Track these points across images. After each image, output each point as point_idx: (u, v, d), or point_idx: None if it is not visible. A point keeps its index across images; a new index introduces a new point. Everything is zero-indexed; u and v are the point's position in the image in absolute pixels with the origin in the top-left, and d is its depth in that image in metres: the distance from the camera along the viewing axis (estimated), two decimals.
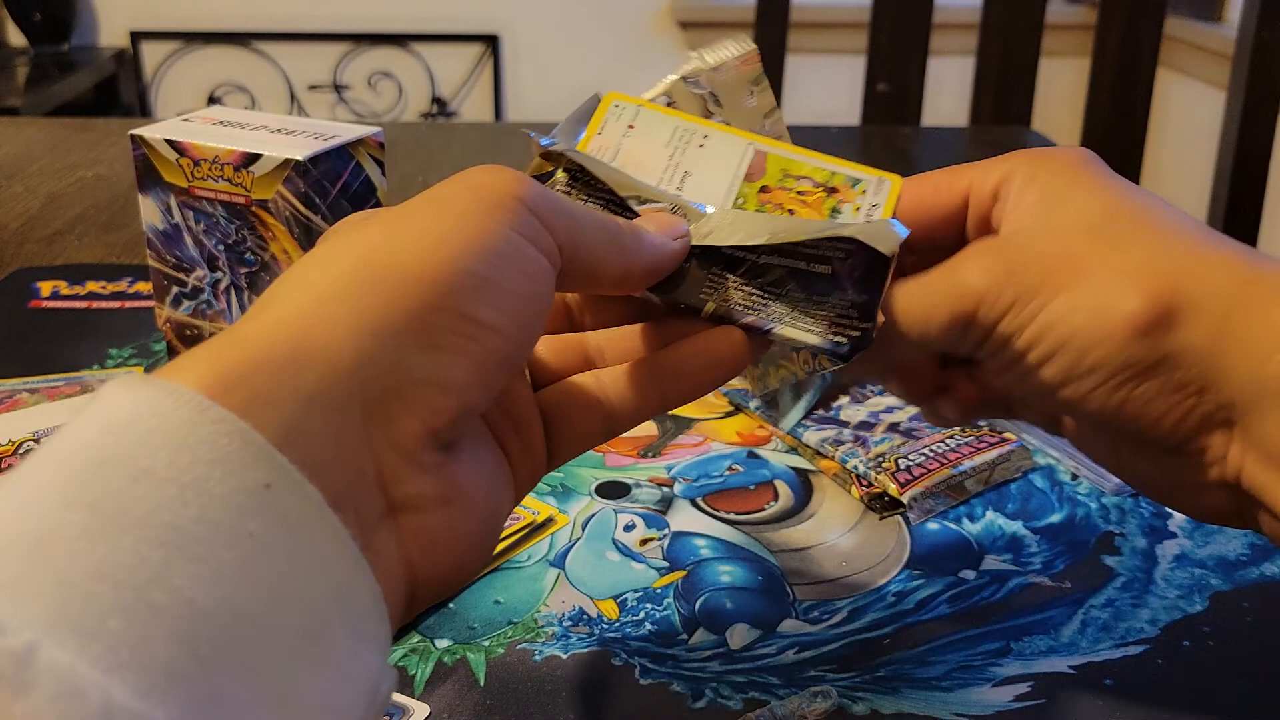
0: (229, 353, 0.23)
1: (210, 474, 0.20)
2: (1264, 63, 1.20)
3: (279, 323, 0.24)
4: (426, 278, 0.25)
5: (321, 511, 0.22)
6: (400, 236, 0.26)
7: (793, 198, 0.36)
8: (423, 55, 2.67)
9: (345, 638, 0.21)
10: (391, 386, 0.24)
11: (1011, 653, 0.39)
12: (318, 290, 0.25)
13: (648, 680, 0.38)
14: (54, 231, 0.79)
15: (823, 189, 0.36)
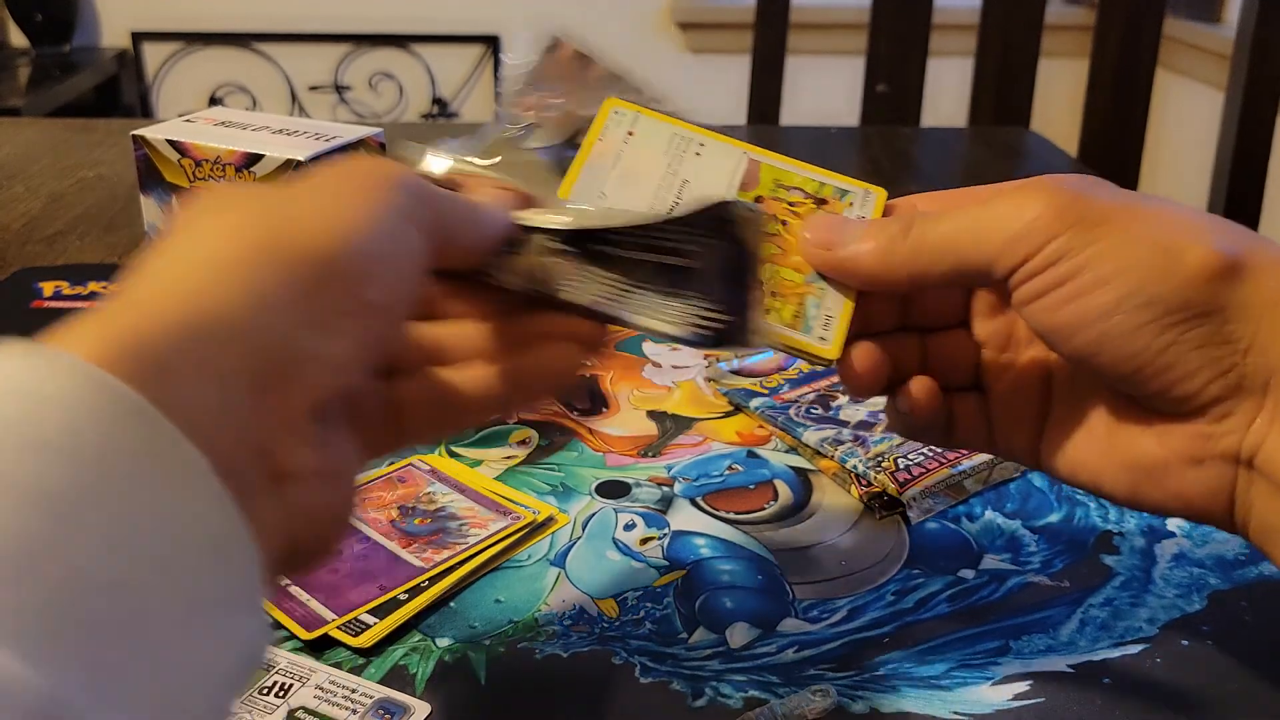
0: (122, 319, 0.23)
1: (101, 444, 0.20)
2: (1263, 63, 1.20)
3: (171, 292, 0.24)
4: (323, 256, 0.25)
5: (207, 479, 0.22)
6: (294, 215, 0.26)
7: (784, 208, 0.36)
8: (423, 56, 2.67)
9: (225, 603, 0.22)
10: (281, 360, 0.24)
11: (1010, 652, 0.39)
12: (213, 261, 0.25)
13: (648, 679, 0.38)
14: (56, 232, 0.79)
15: (812, 199, 0.36)
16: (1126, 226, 0.31)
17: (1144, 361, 0.31)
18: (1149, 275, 0.30)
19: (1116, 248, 0.30)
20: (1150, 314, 0.30)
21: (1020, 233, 0.31)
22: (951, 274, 0.33)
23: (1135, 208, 0.31)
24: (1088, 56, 1.32)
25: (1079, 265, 0.31)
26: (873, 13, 1.32)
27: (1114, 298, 0.30)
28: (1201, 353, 0.30)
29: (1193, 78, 2.23)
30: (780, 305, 0.35)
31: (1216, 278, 0.30)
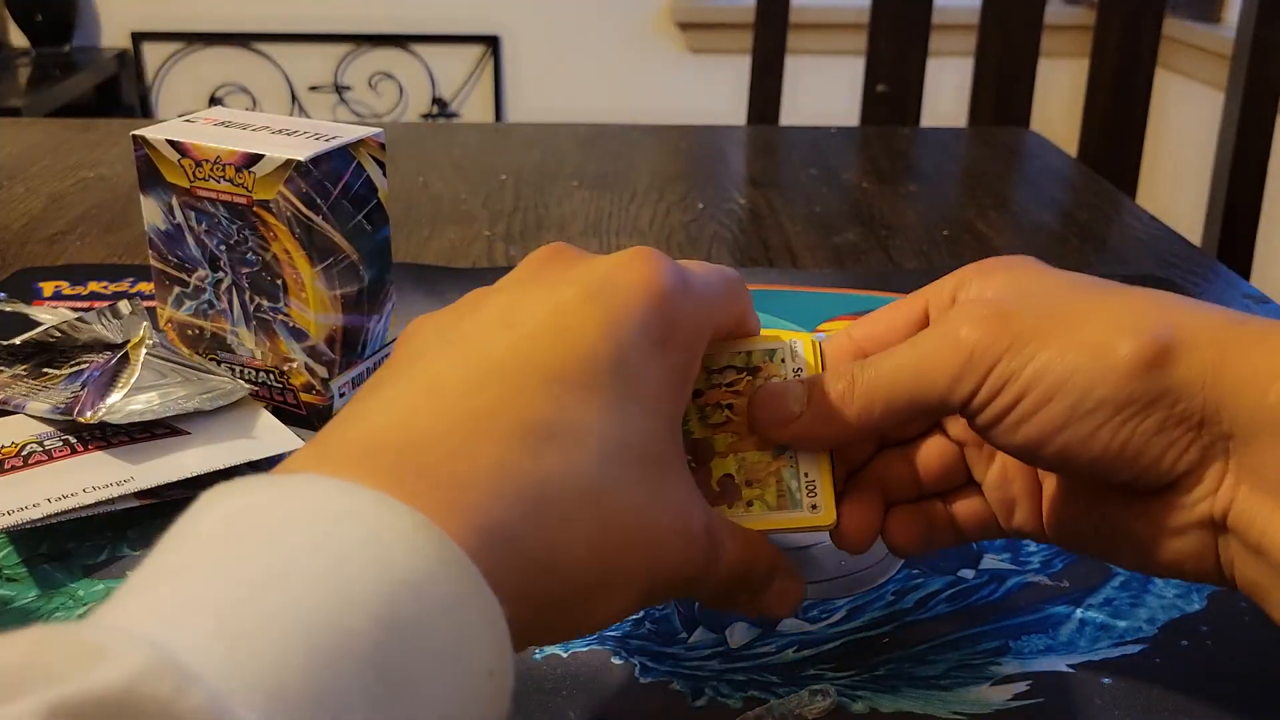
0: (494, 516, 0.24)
1: (464, 653, 0.22)
2: (1263, 63, 1.20)
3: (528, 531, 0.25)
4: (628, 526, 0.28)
5: (509, 699, 0.24)
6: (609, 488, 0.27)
7: (724, 393, 0.36)
8: (423, 56, 2.67)
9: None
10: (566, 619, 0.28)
11: (1010, 651, 0.39)
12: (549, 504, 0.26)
13: (648, 679, 0.38)
14: (56, 232, 0.79)
15: (746, 372, 0.36)
16: (1058, 334, 0.32)
17: (1111, 457, 0.32)
18: (1089, 381, 0.31)
19: (1052, 360, 0.31)
20: (1102, 416, 0.31)
21: (961, 367, 0.32)
22: (910, 412, 0.34)
23: (1063, 310, 0.33)
24: (1088, 56, 1.32)
25: (1024, 387, 0.32)
26: (873, 13, 1.32)
27: (1063, 409, 0.31)
28: (1161, 437, 0.31)
29: (1193, 78, 2.23)
30: (761, 490, 0.35)
31: (1151, 366, 0.31)
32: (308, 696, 0.19)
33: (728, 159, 1.05)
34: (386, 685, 0.20)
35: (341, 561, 0.21)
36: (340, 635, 0.20)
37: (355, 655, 0.20)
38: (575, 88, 2.66)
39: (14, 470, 0.44)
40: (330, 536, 0.21)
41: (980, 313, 0.33)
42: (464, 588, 0.22)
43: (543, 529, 0.25)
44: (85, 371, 0.50)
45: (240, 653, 0.19)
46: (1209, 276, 0.75)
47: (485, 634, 0.23)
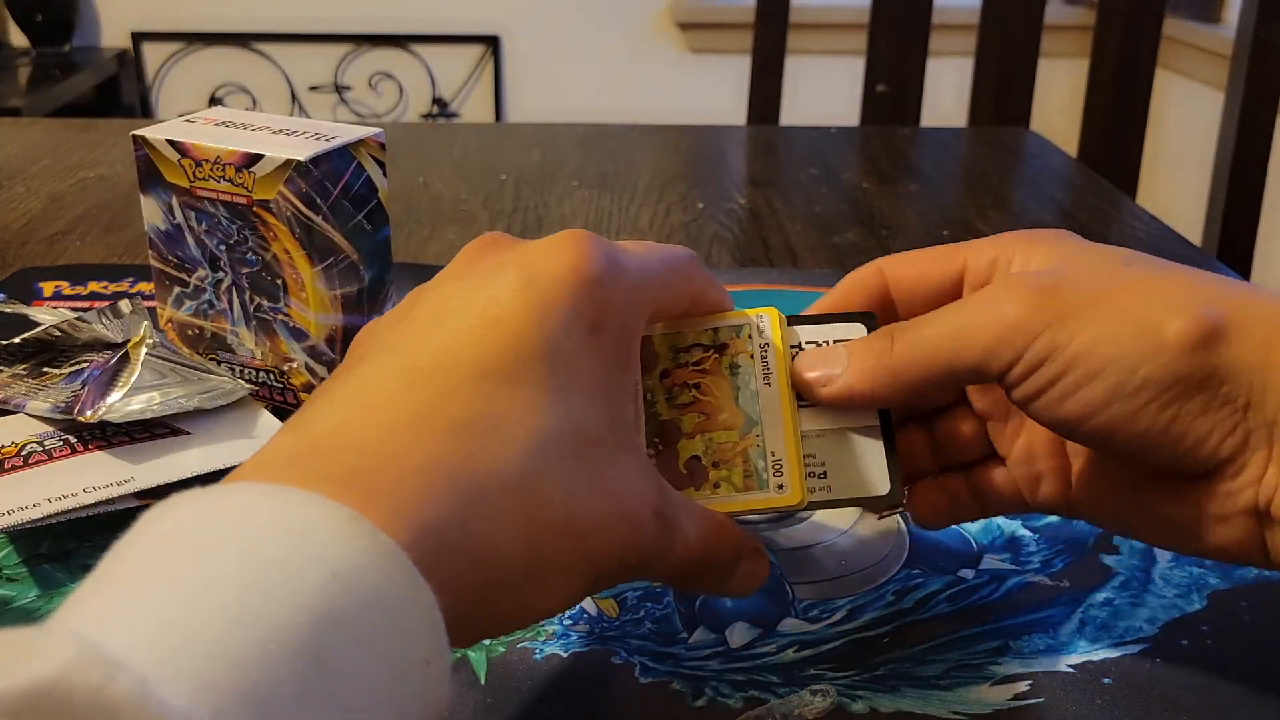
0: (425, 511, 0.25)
1: (397, 641, 0.22)
2: (1262, 63, 1.20)
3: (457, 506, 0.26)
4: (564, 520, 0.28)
5: (448, 686, 0.24)
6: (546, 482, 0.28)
7: (691, 373, 0.36)
8: (423, 56, 2.67)
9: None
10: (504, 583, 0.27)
11: (1010, 651, 0.39)
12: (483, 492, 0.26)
13: (648, 679, 0.38)
14: (56, 232, 0.79)
15: (713, 350, 0.36)
16: (1105, 311, 0.31)
17: (1153, 438, 0.31)
18: (1136, 359, 0.31)
19: (1100, 337, 0.31)
20: (1147, 395, 0.31)
21: (1002, 336, 0.32)
22: (946, 378, 0.34)
23: (1111, 287, 0.32)
24: (1088, 56, 1.32)
25: (1068, 362, 0.31)
26: (873, 13, 1.32)
27: (1109, 386, 0.31)
28: (1205, 418, 0.31)
29: (1193, 78, 2.23)
30: (727, 472, 0.35)
31: (1201, 346, 0.30)
32: (239, 686, 0.19)
33: (728, 159, 1.05)
34: (320, 674, 0.20)
35: (272, 560, 0.21)
36: (271, 627, 0.20)
37: (286, 646, 0.20)
38: (575, 88, 2.66)
39: (14, 470, 0.44)
40: (261, 539, 0.22)
41: (1026, 285, 0.32)
42: (395, 578, 0.23)
43: (472, 521, 0.25)
44: (85, 371, 0.50)
45: (171, 648, 0.19)
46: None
47: (418, 623, 0.23)
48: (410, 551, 0.23)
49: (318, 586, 0.21)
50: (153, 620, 0.20)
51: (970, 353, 0.33)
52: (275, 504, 0.23)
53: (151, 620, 0.20)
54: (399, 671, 0.22)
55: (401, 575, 0.23)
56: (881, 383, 0.34)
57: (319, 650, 0.20)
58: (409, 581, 0.23)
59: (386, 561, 0.23)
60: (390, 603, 0.22)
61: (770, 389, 0.35)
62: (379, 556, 0.22)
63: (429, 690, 0.23)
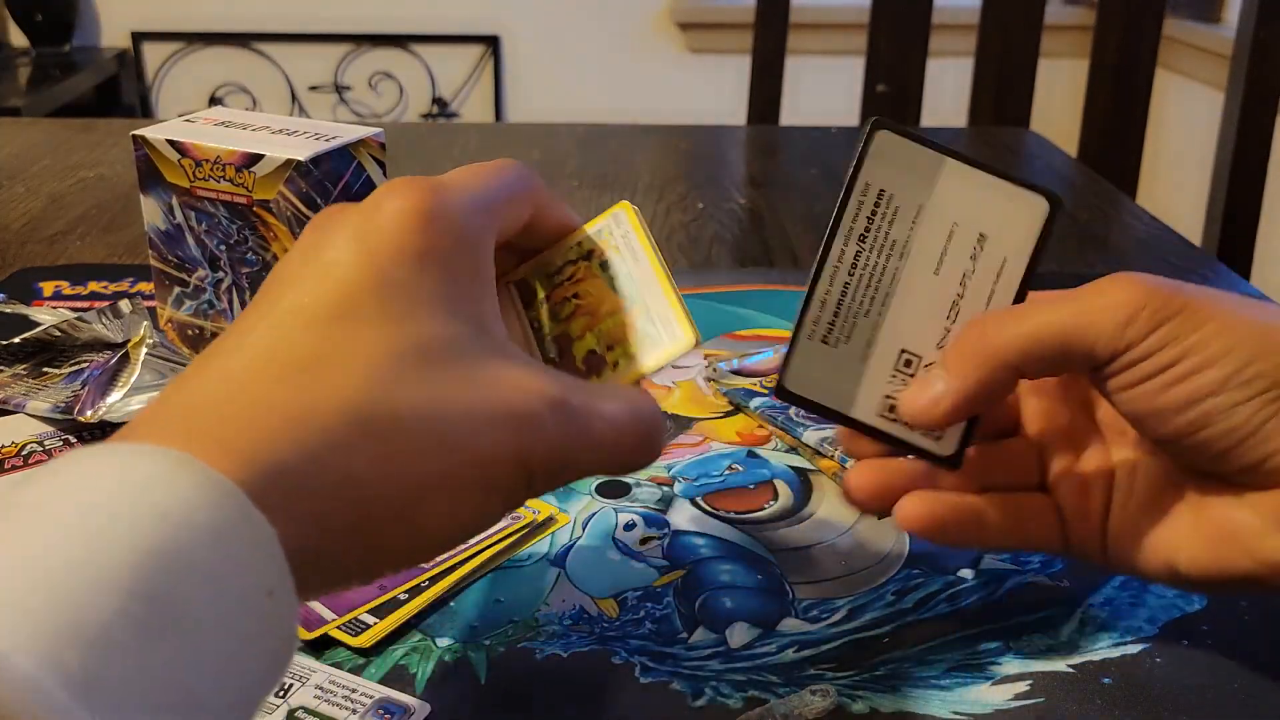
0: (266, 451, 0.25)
1: (234, 573, 0.22)
2: (1262, 63, 1.20)
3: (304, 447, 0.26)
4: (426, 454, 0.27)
5: (295, 621, 0.24)
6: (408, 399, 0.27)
7: (568, 287, 0.36)
8: (423, 56, 2.67)
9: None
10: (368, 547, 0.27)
11: (1010, 651, 0.39)
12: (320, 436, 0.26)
13: (648, 679, 0.38)
14: (56, 232, 0.79)
15: (581, 260, 0.37)
16: (1223, 313, 0.33)
17: (1245, 435, 0.32)
18: (1252, 353, 0.32)
19: (1219, 331, 0.33)
20: (1253, 389, 0.32)
21: (1126, 320, 0.33)
22: (1048, 360, 0.34)
23: (1223, 298, 0.34)
24: (1088, 56, 1.32)
25: (1185, 350, 0.33)
26: (873, 13, 1.32)
27: (1220, 376, 0.32)
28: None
29: (1193, 78, 2.23)
30: (623, 347, 0.36)
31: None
32: (69, 625, 0.20)
33: (728, 159, 1.05)
34: (153, 610, 0.21)
35: (98, 506, 0.22)
36: (99, 569, 0.21)
37: (116, 584, 0.21)
38: (575, 88, 2.66)
39: (14, 470, 0.44)
40: (89, 489, 0.22)
41: (1150, 281, 0.34)
42: (228, 512, 0.23)
43: (321, 456, 0.26)
44: (85, 371, 0.50)
45: (12, 611, 0.20)
46: (1209, 276, 0.75)
47: (255, 554, 0.23)
48: (249, 489, 0.24)
49: (147, 526, 0.22)
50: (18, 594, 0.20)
51: (1088, 335, 0.33)
52: (105, 458, 0.23)
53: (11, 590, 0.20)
54: (240, 603, 0.22)
55: (235, 509, 0.23)
56: (986, 375, 0.34)
57: (153, 588, 0.21)
58: (243, 516, 0.23)
59: (218, 496, 0.23)
60: (225, 537, 0.23)
61: (640, 264, 0.35)
62: (209, 492, 0.23)
63: (278, 624, 0.24)
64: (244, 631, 0.23)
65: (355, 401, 0.27)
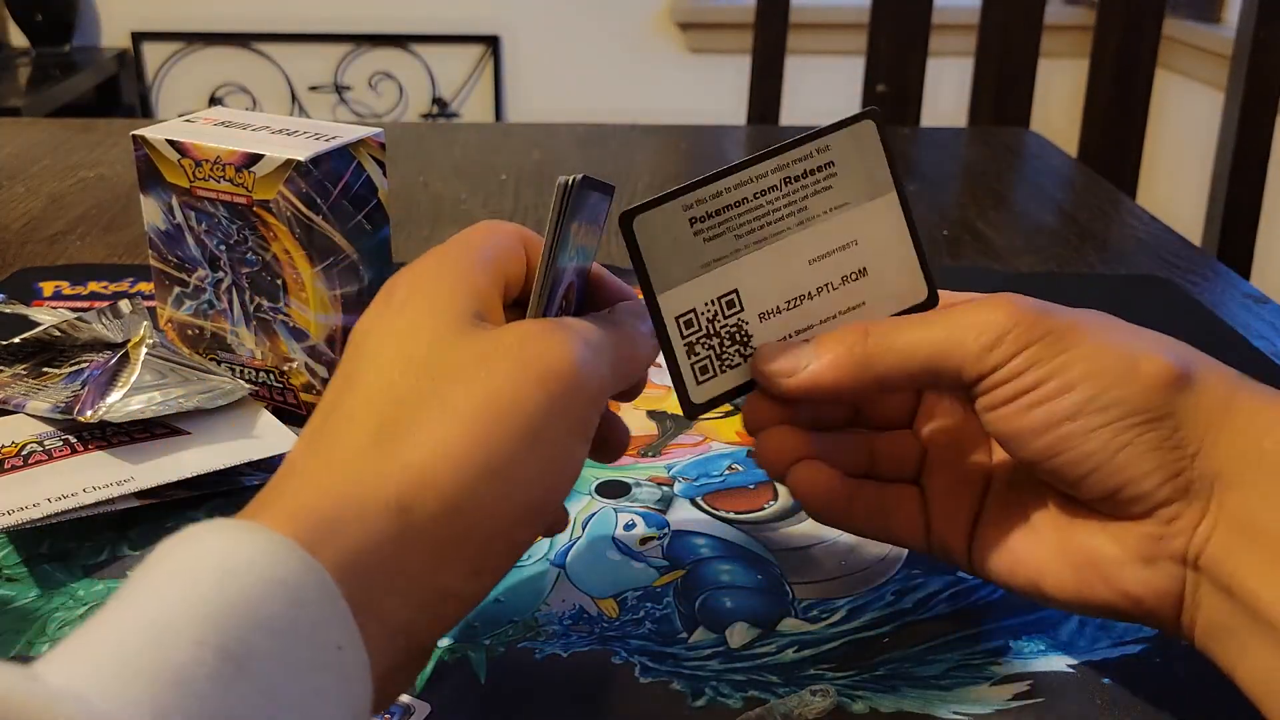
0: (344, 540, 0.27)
1: (304, 630, 0.24)
2: (1262, 63, 1.20)
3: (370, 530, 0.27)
4: (497, 506, 0.29)
5: (368, 680, 0.26)
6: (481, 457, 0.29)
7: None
8: (423, 56, 2.67)
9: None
10: (435, 605, 0.29)
11: (1010, 651, 0.39)
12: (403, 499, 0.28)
13: (648, 679, 0.38)
14: (56, 232, 0.79)
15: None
16: (1089, 338, 0.33)
17: (1101, 462, 0.32)
18: (1111, 380, 0.32)
19: (1082, 356, 0.33)
20: (1111, 416, 0.32)
21: (992, 342, 0.33)
22: (917, 377, 0.35)
23: (1092, 323, 0.34)
24: (1088, 56, 1.32)
25: (1048, 373, 0.33)
26: (873, 13, 1.32)
27: (1078, 400, 0.32)
28: (1155, 455, 0.32)
29: (1193, 78, 2.23)
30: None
31: (1170, 385, 0.32)
32: (142, 672, 0.21)
33: (728, 159, 1.05)
34: (225, 659, 0.22)
35: (180, 572, 0.24)
36: (178, 623, 0.23)
37: (191, 637, 0.22)
38: (575, 88, 2.66)
39: (14, 470, 0.44)
40: (178, 559, 0.25)
41: (1019, 302, 0.34)
42: (292, 568, 0.25)
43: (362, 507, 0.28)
44: (85, 371, 0.50)
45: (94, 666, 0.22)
46: (1209, 276, 0.75)
47: (321, 610, 0.25)
48: (305, 540, 0.26)
49: (212, 581, 0.24)
50: (95, 650, 0.22)
51: (955, 355, 0.34)
52: (202, 533, 0.25)
53: (94, 650, 0.22)
54: (309, 655, 0.24)
55: (299, 565, 0.25)
56: (850, 374, 0.35)
57: (223, 639, 0.22)
58: (307, 570, 0.25)
59: (284, 554, 0.25)
60: (292, 593, 0.24)
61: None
62: (275, 551, 0.25)
63: (349, 678, 0.25)
64: (315, 684, 0.24)
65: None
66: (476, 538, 0.29)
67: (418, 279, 0.33)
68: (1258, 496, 0.31)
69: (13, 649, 0.39)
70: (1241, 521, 0.31)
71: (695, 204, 0.36)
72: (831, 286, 0.37)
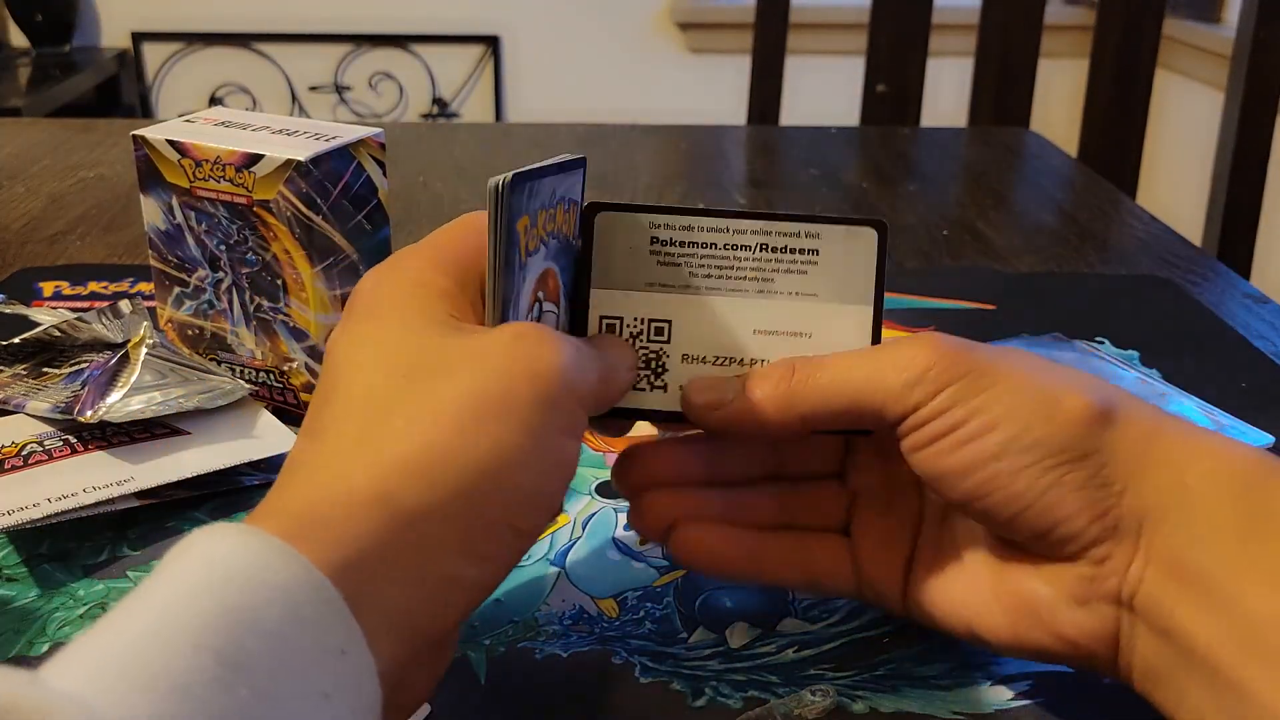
0: (334, 532, 0.27)
1: (304, 632, 0.24)
2: (1262, 63, 1.20)
3: (367, 516, 0.27)
4: (479, 496, 0.28)
5: (375, 681, 0.25)
6: (469, 446, 0.28)
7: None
8: (423, 56, 2.67)
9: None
10: (438, 592, 0.28)
11: None
12: (386, 503, 0.28)
13: (648, 679, 0.38)
14: (56, 232, 0.79)
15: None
16: (1011, 376, 0.33)
17: (1028, 503, 0.32)
18: (1033, 419, 0.32)
19: (1003, 394, 0.33)
20: (1034, 456, 0.32)
21: (914, 380, 0.33)
22: (843, 414, 0.34)
23: (1015, 361, 0.34)
24: (1088, 56, 1.32)
25: (970, 412, 0.32)
26: (873, 13, 1.32)
27: (1001, 440, 0.32)
28: (1081, 494, 0.32)
29: (1193, 78, 2.23)
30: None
31: (1093, 422, 0.32)
32: (140, 678, 0.22)
33: (728, 159, 1.05)
34: (223, 664, 0.22)
35: (178, 577, 0.24)
36: (175, 630, 0.23)
37: (190, 642, 0.22)
38: (575, 88, 2.66)
39: (14, 470, 0.44)
40: (175, 566, 0.25)
41: (941, 342, 0.34)
42: (294, 573, 0.25)
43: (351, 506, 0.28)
44: (85, 371, 0.50)
45: (92, 668, 0.22)
46: (1209, 276, 0.75)
47: (321, 613, 0.24)
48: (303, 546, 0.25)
49: (217, 591, 0.24)
50: (96, 655, 0.22)
51: (878, 393, 0.34)
52: (198, 539, 0.25)
53: (95, 656, 0.22)
54: (311, 660, 0.24)
55: (300, 572, 0.25)
56: (776, 408, 0.35)
57: (220, 643, 0.23)
58: (306, 576, 0.25)
59: (281, 560, 0.25)
60: (291, 596, 0.24)
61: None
62: (273, 557, 0.25)
63: (352, 678, 0.25)
64: (318, 688, 0.24)
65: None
66: (474, 524, 0.28)
67: (381, 286, 0.33)
68: (1184, 535, 0.31)
69: (13, 649, 0.39)
70: (1170, 562, 0.31)
71: (663, 226, 0.37)
72: (765, 364, 0.37)
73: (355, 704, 0.25)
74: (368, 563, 0.26)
